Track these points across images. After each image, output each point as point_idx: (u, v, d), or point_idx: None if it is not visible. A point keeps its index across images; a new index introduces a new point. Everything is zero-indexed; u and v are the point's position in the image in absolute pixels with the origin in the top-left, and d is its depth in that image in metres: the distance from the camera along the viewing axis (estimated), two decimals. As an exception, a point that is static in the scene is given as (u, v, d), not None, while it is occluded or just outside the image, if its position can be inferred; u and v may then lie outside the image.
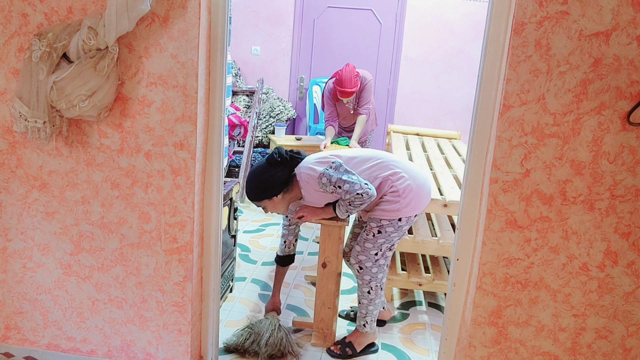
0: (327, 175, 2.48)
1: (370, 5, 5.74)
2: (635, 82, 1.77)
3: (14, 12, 2.06)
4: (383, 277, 2.71)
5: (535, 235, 1.93)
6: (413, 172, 2.64)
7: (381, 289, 2.73)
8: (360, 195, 2.44)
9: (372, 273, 2.66)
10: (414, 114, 5.95)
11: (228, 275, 3.17)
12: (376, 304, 2.72)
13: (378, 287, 2.69)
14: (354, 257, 2.68)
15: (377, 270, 2.66)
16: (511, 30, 1.80)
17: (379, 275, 2.68)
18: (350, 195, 2.45)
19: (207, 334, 2.42)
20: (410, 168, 2.65)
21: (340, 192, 2.48)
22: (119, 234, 2.23)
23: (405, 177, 2.58)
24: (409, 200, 2.57)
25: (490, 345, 2.05)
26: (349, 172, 2.50)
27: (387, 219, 2.59)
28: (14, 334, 2.42)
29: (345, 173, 2.49)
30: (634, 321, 1.98)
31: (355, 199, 2.46)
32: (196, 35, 2.00)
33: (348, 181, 2.45)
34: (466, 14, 5.64)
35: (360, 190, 2.44)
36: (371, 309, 2.72)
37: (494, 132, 1.91)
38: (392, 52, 5.84)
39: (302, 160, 2.64)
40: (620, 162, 1.84)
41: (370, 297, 2.69)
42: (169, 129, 2.10)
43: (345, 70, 4.32)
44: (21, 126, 2.05)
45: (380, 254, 2.65)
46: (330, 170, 2.50)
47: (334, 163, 2.53)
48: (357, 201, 2.47)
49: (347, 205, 2.52)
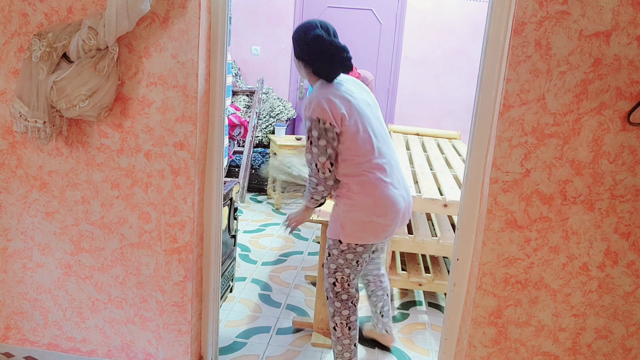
0: (309, 128, 2.15)
1: (370, 5, 5.74)
2: (635, 82, 1.77)
3: (14, 12, 2.06)
4: (350, 315, 2.36)
5: (535, 235, 1.93)
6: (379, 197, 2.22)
7: (350, 329, 2.37)
8: (310, 179, 2.19)
9: (335, 306, 2.36)
10: (414, 114, 5.95)
11: (228, 275, 3.17)
12: (345, 345, 2.39)
13: (344, 326, 2.36)
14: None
15: (340, 306, 2.35)
16: (511, 30, 1.80)
17: (344, 312, 2.35)
18: (309, 167, 2.18)
19: (207, 334, 2.42)
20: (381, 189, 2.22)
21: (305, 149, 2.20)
22: (119, 234, 2.23)
23: (361, 197, 2.20)
24: (352, 224, 2.23)
25: (490, 345, 2.05)
26: (319, 147, 2.14)
27: (331, 238, 2.30)
28: (14, 333, 2.42)
29: (317, 146, 2.14)
30: (634, 321, 1.98)
31: (310, 179, 2.21)
32: (196, 35, 2.00)
33: (313, 152, 2.14)
34: (466, 14, 5.64)
35: (312, 173, 2.16)
36: (340, 349, 2.41)
37: (494, 132, 1.91)
38: (392, 52, 5.84)
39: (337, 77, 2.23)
40: (620, 162, 1.84)
41: (336, 334, 2.40)
42: (169, 129, 2.10)
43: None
44: (21, 126, 2.05)
45: (339, 285, 2.32)
46: (314, 130, 2.15)
47: (323, 123, 2.13)
48: (310, 185, 2.22)
49: (309, 187, 2.25)
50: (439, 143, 5.07)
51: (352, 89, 2.29)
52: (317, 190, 2.24)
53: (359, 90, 2.34)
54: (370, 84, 4.55)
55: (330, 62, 2.21)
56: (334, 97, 2.18)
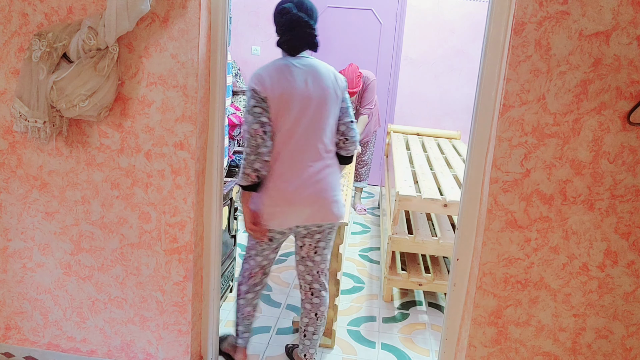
0: (247, 97, 2.16)
1: (370, 5, 5.74)
2: (635, 82, 1.77)
3: (14, 12, 2.06)
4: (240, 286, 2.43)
5: (535, 235, 1.93)
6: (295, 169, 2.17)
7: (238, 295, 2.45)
8: (245, 152, 2.15)
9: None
10: (414, 114, 5.95)
11: (228, 275, 3.17)
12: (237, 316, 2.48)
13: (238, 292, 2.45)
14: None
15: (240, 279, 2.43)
16: (511, 30, 1.80)
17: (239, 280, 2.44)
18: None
19: (207, 334, 2.41)
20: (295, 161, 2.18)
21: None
22: (119, 233, 2.23)
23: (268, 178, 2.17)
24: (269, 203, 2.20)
25: (490, 345, 2.05)
26: (253, 114, 2.12)
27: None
28: (14, 333, 2.42)
29: (252, 114, 2.12)
30: (634, 321, 1.98)
31: (245, 153, 2.16)
32: (196, 35, 2.00)
33: (247, 120, 2.12)
34: (466, 14, 5.64)
35: (247, 144, 2.11)
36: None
37: (494, 132, 1.91)
38: (392, 52, 5.84)
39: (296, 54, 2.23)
40: (620, 162, 1.84)
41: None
42: (169, 129, 2.10)
43: (348, 71, 4.32)
44: (21, 126, 2.05)
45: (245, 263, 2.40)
46: (250, 100, 2.14)
47: (257, 93, 2.12)
48: (243, 158, 2.16)
49: (242, 162, 2.18)
50: (439, 143, 5.07)
51: (306, 75, 2.21)
52: (249, 160, 2.13)
53: (316, 79, 2.23)
54: (371, 83, 4.55)
55: (292, 34, 2.19)
56: (275, 70, 2.17)
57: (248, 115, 2.13)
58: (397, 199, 3.15)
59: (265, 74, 2.16)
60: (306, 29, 2.22)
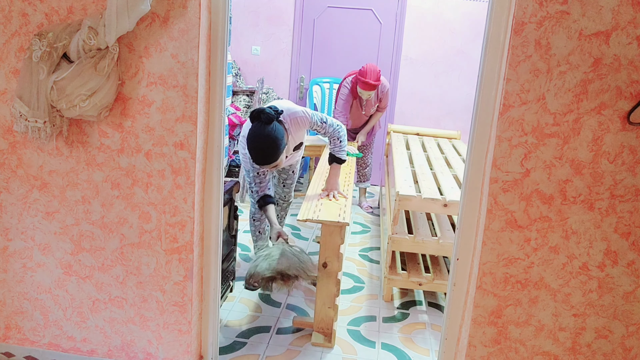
0: (312, 113, 2.95)
1: (370, 5, 5.74)
2: (635, 82, 1.77)
3: (14, 12, 2.06)
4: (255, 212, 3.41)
5: (535, 235, 1.93)
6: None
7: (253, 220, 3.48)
8: (340, 125, 2.98)
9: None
10: (414, 114, 5.95)
11: (228, 275, 3.16)
12: (252, 232, 3.53)
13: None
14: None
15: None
16: (511, 30, 1.80)
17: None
18: (333, 128, 2.98)
19: (207, 334, 2.42)
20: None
21: (326, 126, 2.99)
22: (119, 233, 2.23)
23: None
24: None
25: (490, 345, 2.05)
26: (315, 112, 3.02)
27: None
28: (14, 333, 2.42)
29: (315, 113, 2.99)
30: (634, 321, 1.98)
31: (339, 130, 2.99)
32: (196, 35, 2.00)
33: (324, 116, 2.97)
34: (466, 14, 5.64)
35: (336, 121, 2.97)
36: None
37: (494, 132, 1.91)
38: (392, 52, 5.84)
39: (279, 110, 2.90)
40: (620, 162, 1.84)
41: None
42: (169, 129, 2.10)
43: (369, 65, 4.48)
44: (21, 126, 2.05)
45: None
46: (310, 112, 2.99)
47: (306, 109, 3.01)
48: (341, 132, 3.01)
49: (339, 143, 3.04)
50: (439, 143, 5.07)
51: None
52: (343, 130, 3.07)
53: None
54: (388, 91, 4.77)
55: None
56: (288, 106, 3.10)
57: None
58: (397, 199, 3.15)
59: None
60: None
